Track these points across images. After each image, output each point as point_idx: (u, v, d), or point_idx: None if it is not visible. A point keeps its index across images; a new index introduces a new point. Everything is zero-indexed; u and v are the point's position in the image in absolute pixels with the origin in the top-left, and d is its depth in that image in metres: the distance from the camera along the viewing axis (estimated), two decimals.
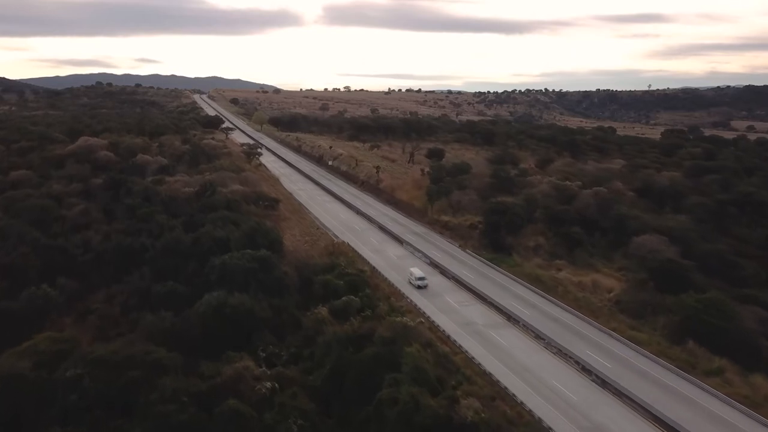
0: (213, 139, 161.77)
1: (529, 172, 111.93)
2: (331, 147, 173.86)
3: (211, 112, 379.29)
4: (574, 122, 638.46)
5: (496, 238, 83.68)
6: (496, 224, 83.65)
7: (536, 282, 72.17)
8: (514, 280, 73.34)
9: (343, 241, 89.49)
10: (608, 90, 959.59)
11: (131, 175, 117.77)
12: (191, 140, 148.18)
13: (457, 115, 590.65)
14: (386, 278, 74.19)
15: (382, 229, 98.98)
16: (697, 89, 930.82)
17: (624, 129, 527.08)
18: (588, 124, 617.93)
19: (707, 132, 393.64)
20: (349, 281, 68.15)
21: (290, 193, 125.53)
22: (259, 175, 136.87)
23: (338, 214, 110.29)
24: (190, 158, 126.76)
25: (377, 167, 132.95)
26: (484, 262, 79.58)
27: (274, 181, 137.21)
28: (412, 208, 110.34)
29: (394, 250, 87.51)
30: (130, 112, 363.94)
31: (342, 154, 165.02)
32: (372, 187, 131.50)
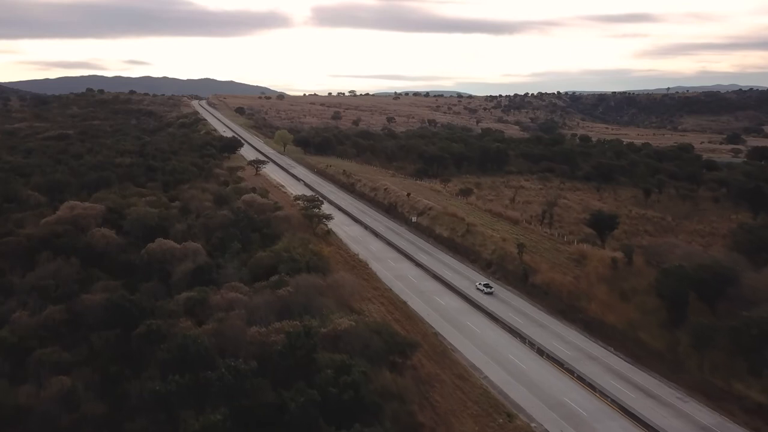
0: (255, 191, 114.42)
1: None
2: (409, 194, 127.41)
3: (218, 126, 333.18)
4: (598, 129, 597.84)
5: None
6: None
7: None
8: None
9: None
10: (625, 93, 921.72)
11: (147, 280, 71.43)
12: (229, 197, 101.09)
13: (477, 122, 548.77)
14: None
15: (633, 416, 52.38)
16: (718, 92, 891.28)
17: (654, 137, 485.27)
18: (615, 131, 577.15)
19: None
20: None
21: (399, 298, 78.92)
22: (341, 259, 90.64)
23: (508, 355, 63.64)
24: (240, 240, 79.92)
25: (520, 245, 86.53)
26: None
27: (362, 267, 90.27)
28: (636, 344, 64.06)
29: None
30: (128, 125, 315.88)
31: (431, 207, 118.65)
32: (514, 277, 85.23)
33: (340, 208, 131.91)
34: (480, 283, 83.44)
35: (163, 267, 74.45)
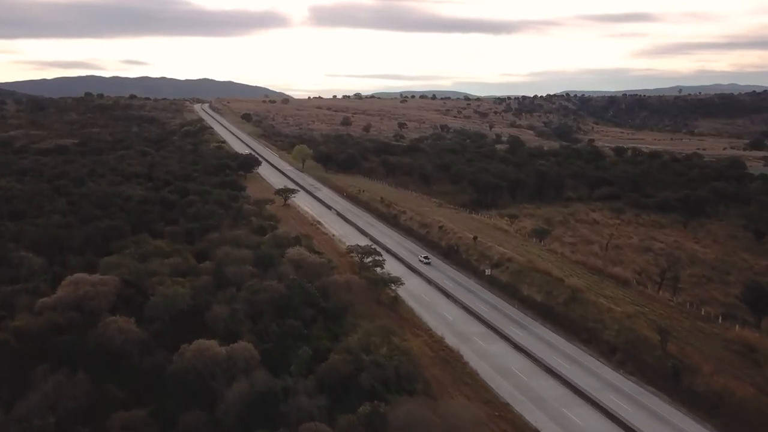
0: (299, 241, 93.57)
1: None
2: (476, 238, 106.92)
3: (227, 135, 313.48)
4: (613, 133, 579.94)
5: None
6: None
7: None
8: None
9: None
10: (636, 95, 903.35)
11: (184, 405, 50.85)
12: (273, 258, 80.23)
13: (489, 127, 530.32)
14: None
15: None
16: (731, 93, 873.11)
17: (672, 141, 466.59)
18: (630, 135, 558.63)
19: None
20: None
21: (525, 422, 58.27)
22: (428, 350, 69.98)
23: None
24: (305, 335, 59.23)
25: (663, 332, 66.10)
26: None
27: (456, 360, 69.34)
28: None
29: None
30: (129, 134, 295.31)
31: (509, 257, 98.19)
32: (657, 374, 64.83)
33: (387, 250, 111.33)
34: (421, 256, 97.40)
35: (203, 380, 54.02)
